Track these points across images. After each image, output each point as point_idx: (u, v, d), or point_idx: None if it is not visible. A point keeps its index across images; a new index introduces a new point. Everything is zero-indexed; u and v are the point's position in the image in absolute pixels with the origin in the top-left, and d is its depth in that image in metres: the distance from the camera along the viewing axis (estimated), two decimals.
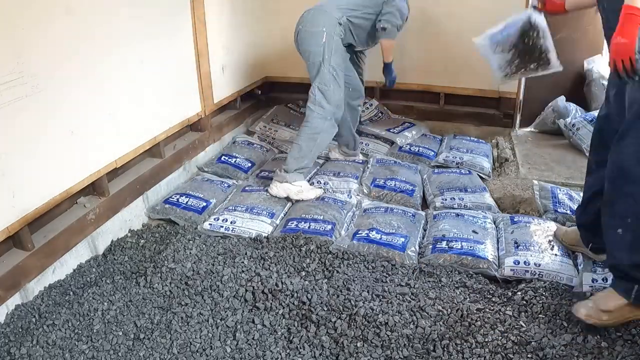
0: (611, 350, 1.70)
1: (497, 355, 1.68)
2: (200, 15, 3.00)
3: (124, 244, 2.43)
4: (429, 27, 3.57)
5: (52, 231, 2.14)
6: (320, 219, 2.51)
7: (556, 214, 2.50)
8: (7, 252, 1.99)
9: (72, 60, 2.11)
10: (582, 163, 3.04)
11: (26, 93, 1.90)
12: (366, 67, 3.31)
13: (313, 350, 1.76)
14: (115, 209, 2.46)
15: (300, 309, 1.91)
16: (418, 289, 2.03)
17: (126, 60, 2.45)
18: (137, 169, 2.69)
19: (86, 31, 2.18)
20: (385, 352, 1.72)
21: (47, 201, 2.06)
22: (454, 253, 2.25)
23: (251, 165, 3.23)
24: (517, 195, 2.80)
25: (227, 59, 3.43)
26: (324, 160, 3.33)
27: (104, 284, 2.09)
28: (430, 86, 3.75)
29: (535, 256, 2.17)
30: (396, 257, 2.26)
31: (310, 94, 2.77)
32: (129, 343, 1.79)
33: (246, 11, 3.66)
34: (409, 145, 3.43)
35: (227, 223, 2.52)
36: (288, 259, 2.23)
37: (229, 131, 3.59)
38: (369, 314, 1.84)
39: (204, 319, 1.89)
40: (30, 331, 1.83)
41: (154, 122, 2.72)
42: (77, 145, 2.20)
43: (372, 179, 2.97)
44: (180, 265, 2.15)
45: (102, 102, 2.32)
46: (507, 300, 1.98)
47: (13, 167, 1.89)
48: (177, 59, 2.89)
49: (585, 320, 1.75)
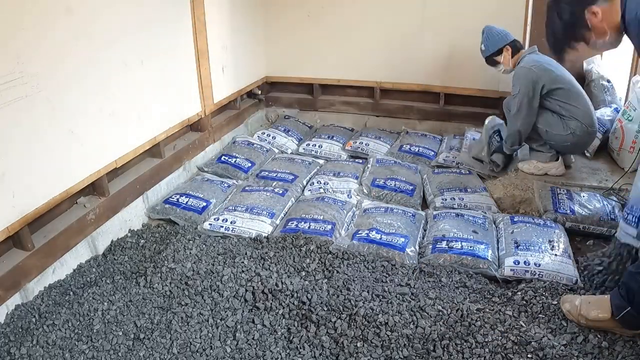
0: (611, 350, 1.70)
1: (497, 355, 1.68)
2: (200, 15, 3.00)
3: (124, 244, 2.43)
4: (429, 27, 3.57)
5: (52, 231, 2.14)
6: (320, 219, 2.51)
7: (556, 213, 2.50)
8: (7, 252, 2.00)
9: (72, 60, 2.11)
10: (582, 163, 3.05)
11: (26, 93, 1.90)
12: None
13: (313, 350, 1.75)
14: (115, 209, 2.46)
15: (300, 309, 1.91)
16: (418, 289, 2.03)
17: (126, 61, 2.45)
18: (137, 169, 2.69)
19: (86, 31, 2.18)
20: (385, 352, 1.72)
21: (47, 201, 2.06)
22: (454, 253, 2.25)
23: (251, 165, 3.23)
24: (517, 195, 2.80)
25: (227, 59, 3.43)
26: (325, 161, 3.33)
27: (104, 284, 2.08)
28: (430, 86, 3.75)
29: (535, 256, 2.17)
30: (396, 257, 2.26)
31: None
32: (129, 343, 1.79)
33: (246, 11, 3.66)
34: (409, 145, 3.43)
35: (227, 223, 2.52)
36: (288, 259, 2.23)
37: (229, 131, 3.59)
38: (369, 314, 1.84)
39: (204, 319, 1.89)
40: (30, 331, 1.83)
41: (154, 122, 2.72)
42: (77, 145, 2.20)
43: (372, 179, 2.97)
44: (180, 265, 2.15)
45: (102, 102, 2.32)
46: (507, 300, 1.98)
47: (13, 167, 1.89)
48: (177, 59, 2.89)
49: (566, 315, 1.83)
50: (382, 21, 3.67)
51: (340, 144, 3.54)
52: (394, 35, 3.68)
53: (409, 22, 3.61)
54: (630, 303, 1.69)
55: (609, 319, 1.75)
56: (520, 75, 2.77)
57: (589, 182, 2.84)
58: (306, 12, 3.82)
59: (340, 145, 3.53)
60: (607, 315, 1.75)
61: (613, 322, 1.75)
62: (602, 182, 2.83)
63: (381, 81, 3.84)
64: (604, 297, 1.81)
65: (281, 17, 3.90)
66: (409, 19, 3.60)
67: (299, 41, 3.92)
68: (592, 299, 1.82)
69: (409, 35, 3.64)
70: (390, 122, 3.89)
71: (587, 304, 1.80)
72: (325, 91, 4.09)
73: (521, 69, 2.78)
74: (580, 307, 1.80)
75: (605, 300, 1.78)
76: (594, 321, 1.77)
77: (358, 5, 3.69)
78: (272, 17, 3.91)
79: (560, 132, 2.78)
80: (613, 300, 1.76)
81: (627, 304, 1.70)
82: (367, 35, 3.74)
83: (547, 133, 2.82)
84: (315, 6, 3.78)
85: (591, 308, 1.78)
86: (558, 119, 2.78)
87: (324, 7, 3.76)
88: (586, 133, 2.77)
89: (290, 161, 3.24)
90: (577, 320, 1.81)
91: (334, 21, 3.77)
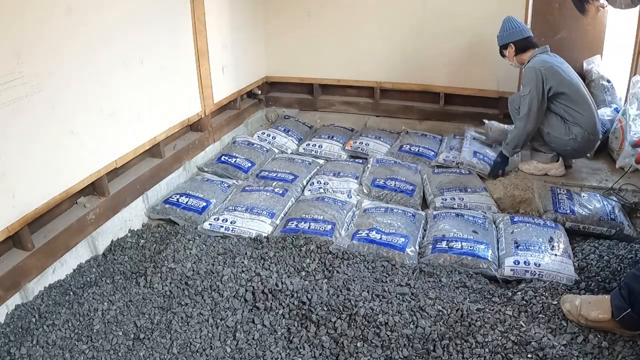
0: (611, 350, 1.70)
1: (497, 355, 1.68)
2: (200, 15, 3.00)
3: (124, 244, 2.43)
4: (429, 27, 3.57)
5: (52, 231, 2.14)
6: (320, 219, 2.51)
7: (556, 213, 2.50)
8: (7, 252, 2.00)
9: (72, 60, 2.11)
10: (581, 162, 3.05)
11: (26, 93, 1.90)
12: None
13: (313, 350, 1.75)
14: (115, 209, 2.46)
15: (300, 309, 1.91)
16: (418, 289, 2.03)
17: (126, 60, 2.45)
18: (137, 169, 2.69)
19: (86, 31, 2.18)
20: (385, 352, 1.72)
21: (47, 201, 2.06)
22: (454, 253, 2.25)
23: (251, 165, 3.22)
24: (517, 195, 2.80)
25: (227, 59, 3.43)
26: (325, 161, 3.33)
27: (104, 284, 2.08)
28: (430, 86, 3.75)
29: (535, 256, 2.17)
30: (396, 257, 2.26)
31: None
32: (129, 343, 1.79)
33: (246, 11, 3.66)
34: (409, 145, 3.43)
35: (227, 223, 2.52)
36: (288, 259, 2.23)
37: (229, 131, 3.59)
38: (369, 314, 1.84)
39: (204, 319, 1.89)
40: (30, 331, 1.83)
41: (154, 122, 2.72)
42: (77, 145, 2.20)
43: (372, 179, 2.97)
44: (180, 265, 2.15)
45: (102, 102, 2.32)
46: (507, 300, 1.98)
47: (13, 167, 1.89)
48: (177, 59, 2.89)
49: (565, 315, 1.84)
50: (382, 21, 3.67)
51: (340, 144, 3.54)
52: (394, 35, 3.68)
53: (409, 22, 3.61)
54: (632, 305, 1.69)
55: (609, 320, 1.75)
56: (529, 75, 2.75)
57: (589, 182, 2.84)
58: (306, 12, 3.82)
59: (340, 145, 3.53)
60: (607, 316, 1.75)
61: (613, 323, 1.75)
62: (602, 182, 2.83)
63: (381, 81, 3.84)
64: (604, 298, 1.81)
65: (281, 17, 3.90)
66: (409, 19, 3.60)
67: (299, 41, 3.92)
68: (592, 299, 1.82)
69: (409, 35, 3.64)
70: (390, 122, 3.89)
71: (587, 304, 1.80)
72: (325, 91, 4.09)
73: (530, 70, 2.76)
74: (581, 307, 1.80)
75: (606, 301, 1.78)
76: (594, 322, 1.77)
77: (358, 5, 3.69)
78: (272, 17, 3.91)
79: (562, 136, 2.78)
80: (613, 300, 1.76)
81: (628, 305, 1.70)
82: (368, 35, 3.74)
83: (549, 135, 2.82)
84: (315, 6, 3.78)
85: (591, 308, 1.78)
86: (562, 122, 2.78)
87: (324, 7, 3.77)
88: (587, 140, 2.77)
89: (290, 161, 3.24)
90: (577, 321, 1.81)
91: (334, 21, 3.77)
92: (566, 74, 2.76)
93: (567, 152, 2.87)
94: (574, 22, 3.39)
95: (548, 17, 3.34)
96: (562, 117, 2.78)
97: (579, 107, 2.73)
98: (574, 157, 2.97)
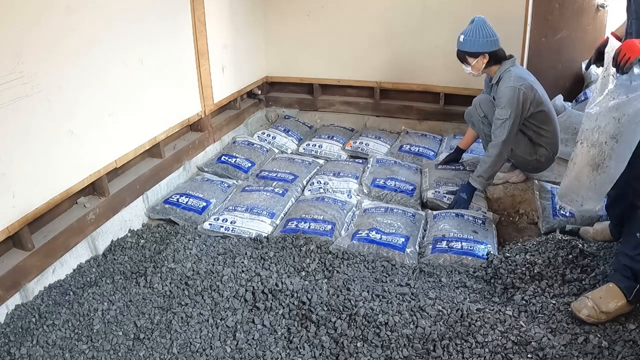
0: (611, 350, 1.70)
1: (497, 355, 1.68)
2: (200, 15, 3.00)
3: (124, 244, 2.43)
4: (429, 27, 3.57)
5: (52, 231, 2.14)
6: (320, 219, 2.51)
7: (555, 218, 2.49)
8: (7, 252, 2.00)
9: (72, 60, 2.12)
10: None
11: (26, 93, 1.90)
12: None
13: (313, 350, 1.76)
14: (115, 209, 2.47)
15: (300, 309, 1.91)
16: (418, 289, 2.03)
17: (126, 61, 2.45)
18: (137, 169, 2.69)
19: (86, 31, 2.18)
20: (385, 352, 1.72)
21: (47, 201, 2.06)
22: (454, 253, 2.25)
23: (251, 165, 3.23)
24: (517, 195, 2.80)
25: (227, 59, 3.43)
26: (325, 161, 3.33)
27: (104, 284, 2.08)
28: (430, 86, 3.75)
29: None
30: (396, 257, 2.26)
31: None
32: (129, 343, 1.79)
33: (246, 11, 3.66)
34: (409, 145, 3.43)
35: (227, 223, 2.52)
36: (288, 259, 2.23)
37: (229, 131, 3.59)
38: (369, 314, 1.84)
39: (204, 319, 1.89)
40: (30, 331, 1.83)
41: (154, 122, 2.72)
42: (77, 145, 2.20)
43: (372, 179, 2.97)
44: (180, 265, 2.15)
45: (102, 102, 2.32)
46: (507, 300, 1.98)
47: (13, 167, 1.89)
48: (177, 59, 2.89)
49: (586, 321, 1.81)
50: (383, 21, 3.67)
51: (340, 144, 3.54)
52: (394, 35, 3.67)
53: (409, 21, 3.61)
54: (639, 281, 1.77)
55: (626, 303, 1.80)
56: (509, 96, 2.45)
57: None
58: (306, 12, 3.82)
59: (340, 145, 3.53)
60: (623, 301, 1.79)
61: (629, 304, 1.81)
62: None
63: (381, 81, 3.84)
64: (608, 287, 1.83)
65: (281, 17, 3.90)
66: (409, 19, 3.60)
67: (299, 41, 3.92)
68: (601, 293, 1.83)
69: (409, 35, 3.63)
70: (390, 122, 3.89)
71: (600, 300, 1.81)
72: (325, 91, 4.09)
73: (510, 90, 2.46)
74: (596, 305, 1.80)
75: (613, 289, 1.82)
76: (616, 311, 1.80)
77: (358, 5, 3.68)
78: (272, 17, 3.91)
79: (527, 156, 2.66)
80: (619, 285, 1.81)
81: (636, 283, 1.78)
82: (368, 35, 3.73)
83: (512, 152, 2.64)
84: (315, 6, 3.78)
85: (606, 301, 1.80)
86: (528, 143, 2.65)
87: (324, 7, 3.76)
88: (550, 160, 2.71)
89: (290, 161, 3.24)
90: (599, 320, 1.80)
91: (334, 21, 3.77)
92: (540, 90, 2.58)
93: (526, 168, 2.81)
94: (574, 22, 3.39)
95: (548, 17, 3.34)
96: (529, 137, 2.63)
97: (549, 126, 2.61)
98: (531, 172, 2.86)
